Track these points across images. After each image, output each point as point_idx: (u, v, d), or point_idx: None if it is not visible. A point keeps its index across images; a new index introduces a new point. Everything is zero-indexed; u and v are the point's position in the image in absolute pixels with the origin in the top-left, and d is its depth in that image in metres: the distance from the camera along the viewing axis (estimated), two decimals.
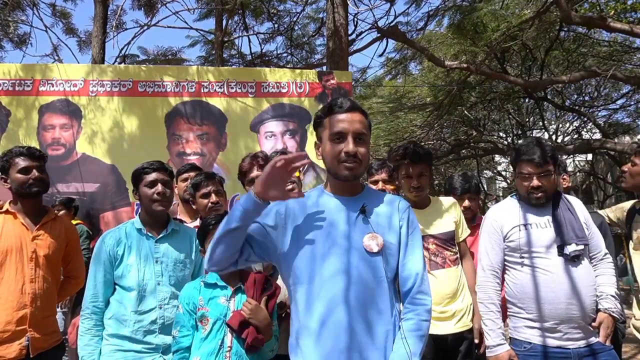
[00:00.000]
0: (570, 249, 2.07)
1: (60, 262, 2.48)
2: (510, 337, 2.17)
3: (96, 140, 3.99)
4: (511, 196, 2.36)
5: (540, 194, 2.15)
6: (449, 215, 2.51)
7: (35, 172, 2.35)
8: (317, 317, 1.47)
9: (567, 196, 2.29)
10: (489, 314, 2.15)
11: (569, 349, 2.03)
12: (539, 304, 2.07)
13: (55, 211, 3.78)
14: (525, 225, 2.17)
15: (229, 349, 1.94)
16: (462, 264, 2.51)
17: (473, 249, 2.71)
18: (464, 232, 2.55)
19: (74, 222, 3.91)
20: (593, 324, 2.07)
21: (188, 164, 3.14)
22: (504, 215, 2.24)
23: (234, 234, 1.48)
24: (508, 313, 2.21)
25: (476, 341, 2.40)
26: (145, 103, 4.08)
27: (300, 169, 1.55)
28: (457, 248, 2.51)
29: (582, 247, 2.09)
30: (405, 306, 1.55)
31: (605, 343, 2.05)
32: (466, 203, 2.82)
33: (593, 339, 2.06)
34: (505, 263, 2.22)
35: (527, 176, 2.15)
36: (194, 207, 2.73)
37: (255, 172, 2.43)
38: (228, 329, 1.96)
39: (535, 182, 2.13)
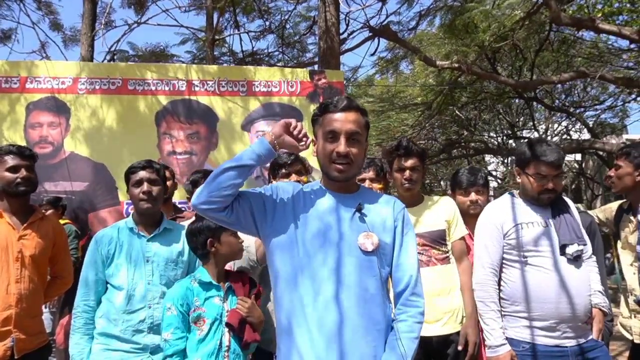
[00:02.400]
0: (572, 249, 2.08)
1: (47, 262, 2.45)
2: (506, 337, 2.15)
3: (85, 139, 3.93)
4: (508, 193, 2.35)
5: (552, 195, 2.16)
6: (440, 214, 2.47)
7: (23, 172, 2.31)
8: (309, 313, 1.47)
9: (563, 197, 2.29)
10: (490, 313, 2.13)
11: (567, 347, 2.04)
12: (540, 303, 2.07)
13: (43, 210, 3.72)
14: (526, 223, 2.17)
15: (227, 348, 1.93)
16: (458, 265, 2.44)
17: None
18: (458, 231, 2.48)
19: (61, 221, 3.85)
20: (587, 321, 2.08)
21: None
22: (504, 212, 2.23)
23: (238, 171, 1.49)
24: (502, 312, 2.20)
25: (459, 348, 2.31)
26: (135, 101, 4.04)
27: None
28: (449, 247, 2.45)
29: (582, 247, 2.11)
30: (398, 307, 1.55)
31: (598, 338, 2.07)
32: (472, 197, 2.69)
33: (585, 337, 2.08)
34: (503, 262, 2.20)
35: (543, 177, 2.14)
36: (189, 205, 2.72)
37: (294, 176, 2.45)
38: (226, 328, 1.95)
39: (551, 183, 2.13)
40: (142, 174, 2.23)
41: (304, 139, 1.56)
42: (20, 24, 7.42)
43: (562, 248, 2.09)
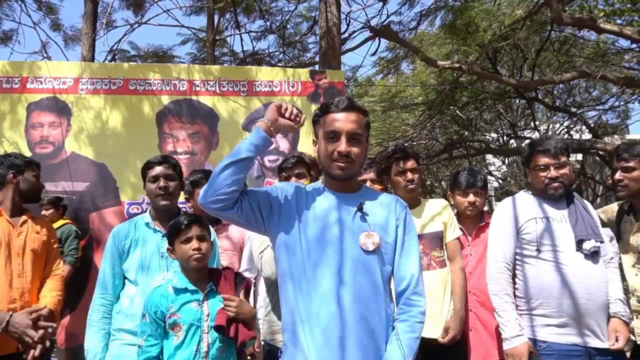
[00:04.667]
0: (589, 244, 2.07)
1: (44, 257, 2.49)
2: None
3: (86, 139, 3.93)
4: (525, 191, 2.36)
5: (558, 184, 2.16)
6: (438, 215, 2.52)
7: (40, 182, 2.53)
8: (311, 311, 1.47)
9: (577, 195, 2.29)
10: (504, 305, 2.12)
11: (584, 346, 2.03)
12: (557, 299, 2.06)
13: (43, 210, 3.74)
14: (542, 218, 2.16)
15: (205, 354, 1.89)
16: (450, 266, 2.50)
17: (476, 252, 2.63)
18: (453, 232, 2.54)
19: (62, 221, 3.86)
20: (608, 343, 2.05)
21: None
22: (518, 207, 2.23)
23: (237, 166, 1.49)
24: (518, 311, 2.18)
25: (440, 340, 2.34)
26: (136, 101, 4.03)
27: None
28: (444, 249, 2.50)
29: (599, 244, 2.10)
30: (400, 307, 1.55)
31: (623, 346, 2.04)
32: (471, 198, 2.68)
33: (603, 342, 2.06)
34: (518, 257, 2.20)
35: (543, 167, 2.16)
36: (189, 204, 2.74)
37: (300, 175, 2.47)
38: (205, 334, 1.90)
39: (553, 172, 2.14)
40: (159, 169, 2.23)
41: (297, 118, 1.58)
42: (21, 24, 7.44)
43: (579, 243, 2.08)
